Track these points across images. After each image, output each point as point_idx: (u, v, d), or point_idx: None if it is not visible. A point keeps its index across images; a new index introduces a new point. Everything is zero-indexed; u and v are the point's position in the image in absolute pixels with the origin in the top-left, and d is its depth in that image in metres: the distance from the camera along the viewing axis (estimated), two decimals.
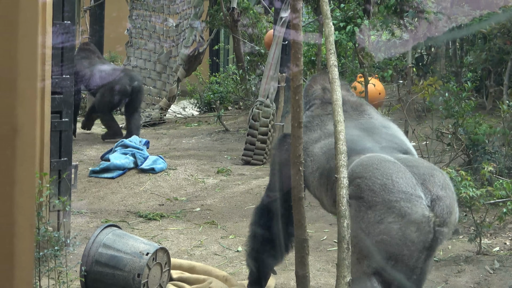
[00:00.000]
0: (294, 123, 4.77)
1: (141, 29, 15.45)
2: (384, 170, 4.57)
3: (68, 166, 7.00)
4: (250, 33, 14.95)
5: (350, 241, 4.54)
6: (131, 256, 5.73)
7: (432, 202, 4.41)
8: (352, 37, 8.89)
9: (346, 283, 4.89)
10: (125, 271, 5.70)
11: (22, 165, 1.16)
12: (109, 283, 5.72)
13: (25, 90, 1.15)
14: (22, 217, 1.17)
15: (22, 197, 1.18)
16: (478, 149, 8.45)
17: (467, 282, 6.18)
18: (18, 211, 1.16)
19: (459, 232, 7.31)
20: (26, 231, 1.20)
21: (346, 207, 4.82)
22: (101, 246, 5.76)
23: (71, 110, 7.09)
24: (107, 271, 5.71)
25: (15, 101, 1.12)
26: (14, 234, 1.16)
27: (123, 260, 5.71)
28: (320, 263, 6.84)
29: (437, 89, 8.39)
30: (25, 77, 1.14)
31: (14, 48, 1.12)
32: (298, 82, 4.71)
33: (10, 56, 1.13)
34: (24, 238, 1.19)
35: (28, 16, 1.16)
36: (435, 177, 4.54)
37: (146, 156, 10.22)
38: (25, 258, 1.20)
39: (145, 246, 5.83)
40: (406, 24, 9.14)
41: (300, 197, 4.77)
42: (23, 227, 1.19)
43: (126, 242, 5.83)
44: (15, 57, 1.13)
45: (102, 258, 5.72)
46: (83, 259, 5.72)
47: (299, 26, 4.76)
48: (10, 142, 1.15)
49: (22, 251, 1.19)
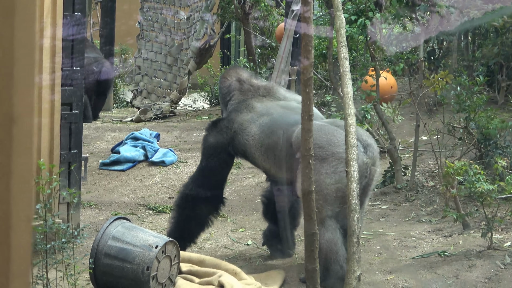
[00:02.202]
0: (304, 115, 4.75)
1: (152, 21, 15.43)
2: (325, 131, 5.93)
3: (78, 158, 6.99)
4: (261, 26, 14.91)
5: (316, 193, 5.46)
6: (140, 249, 5.71)
7: (364, 149, 5.88)
8: (363, 30, 8.84)
9: (356, 277, 4.87)
10: (134, 263, 5.68)
11: (19, 155, 1.14)
12: (118, 275, 5.70)
13: (22, 80, 1.12)
14: (18, 209, 1.15)
15: (19, 188, 1.16)
16: (489, 143, 8.39)
17: (478, 277, 6.14)
18: (14, 202, 1.14)
19: (470, 227, 7.28)
20: (23, 223, 1.17)
21: (356, 201, 4.79)
22: (110, 239, 5.75)
23: (81, 102, 7.08)
24: (116, 263, 5.69)
25: (11, 90, 1.10)
26: (11, 226, 1.14)
27: (132, 253, 5.70)
28: None
29: (449, 83, 8.33)
30: (21, 66, 1.12)
31: (10, 37, 1.10)
32: (308, 75, 4.68)
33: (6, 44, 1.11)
34: (21, 230, 1.17)
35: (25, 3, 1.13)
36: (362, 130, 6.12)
37: (157, 148, 10.21)
38: (21, 250, 1.17)
39: (155, 239, 5.82)
40: (418, 18, 9.08)
41: (310, 191, 4.74)
42: (20, 218, 1.16)
43: (135, 235, 5.82)
44: (11, 45, 1.10)
45: (111, 250, 5.71)
46: (92, 251, 5.71)
47: (310, 19, 4.73)
48: (7, 132, 1.12)
49: (19, 243, 1.16)
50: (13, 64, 1.12)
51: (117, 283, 5.74)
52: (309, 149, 4.73)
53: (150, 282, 5.65)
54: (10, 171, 1.16)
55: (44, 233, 5.18)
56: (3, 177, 1.16)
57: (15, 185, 1.17)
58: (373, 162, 5.93)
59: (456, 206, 7.16)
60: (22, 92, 1.14)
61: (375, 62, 9.03)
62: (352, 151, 4.85)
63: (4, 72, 1.13)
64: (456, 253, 6.68)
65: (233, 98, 6.73)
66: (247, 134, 6.43)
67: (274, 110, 6.48)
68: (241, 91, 6.72)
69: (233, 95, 6.74)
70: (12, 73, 1.12)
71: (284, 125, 6.26)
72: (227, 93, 6.80)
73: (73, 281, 5.30)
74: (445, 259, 6.58)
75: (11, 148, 1.15)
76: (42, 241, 5.16)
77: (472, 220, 7.44)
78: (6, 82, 1.13)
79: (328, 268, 5.79)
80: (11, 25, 1.11)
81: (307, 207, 4.78)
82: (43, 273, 5.17)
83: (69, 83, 6.89)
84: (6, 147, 1.15)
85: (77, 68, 6.95)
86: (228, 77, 6.90)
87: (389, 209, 8.25)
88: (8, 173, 1.16)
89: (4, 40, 1.13)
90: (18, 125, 1.14)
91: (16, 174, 1.17)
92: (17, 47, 1.12)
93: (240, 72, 6.98)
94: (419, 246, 7.04)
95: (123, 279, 5.70)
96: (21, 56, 1.13)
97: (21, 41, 1.13)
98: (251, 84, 6.79)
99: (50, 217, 5.29)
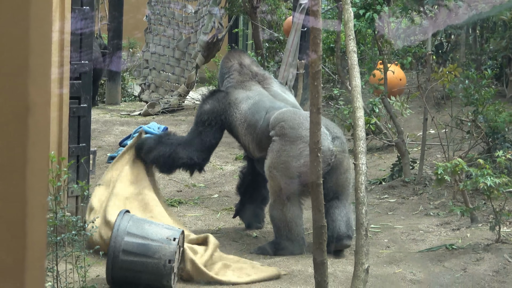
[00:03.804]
0: (312, 108, 4.75)
1: (160, 15, 15.42)
2: (299, 116, 6.75)
3: (86, 151, 7.01)
4: (269, 20, 14.90)
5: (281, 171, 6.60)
6: (159, 243, 5.76)
7: (333, 139, 6.70)
8: (371, 24, 8.83)
9: (364, 270, 4.88)
10: (155, 258, 5.73)
11: (35, 144, 1.15)
12: (138, 270, 5.74)
13: (38, 68, 1.13)
14: (33, 197, 1.16)
15: (34, 177, 1.17)
16: (497, 137, 8.39)
17: (485, 270, 6.14)
18: (29, 191, 1.15)
19: (477, 220, 7.28)
20: (38, 211, 1.18)
21: (364, 194, 4.80)
22: (126, 235, 5.77)
23: (90, 96, 7.09)
24: (136, 259, 5.72)
25: (27, 79, 1.11)
26: (26, 214, 1.15)
27: (152, 248, 5.74)
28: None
29: (457, 77, 8.33)
30: (37, 55, 1.13)
31: (26, 25, 1.11)
32: (317, 68, 4.68)
33: (22, 33, 1.12)
34: (36, 218, 1.18)
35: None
36: (332, 124, 7.04)
37: None
38: (37, 238, 1.18)
39: (169, 231, 5.86)
40: (426, 11, 9.07)
41: (318, 183, 4.75)
42: (35, 207, 1.17)
43: (148, 228, 5.85)
44: (27, 34, 1.11)
45: (129, 247, 5.73)
46: (110, 250, 5.71)
47: (319, 13, 4.73)
48: (22, 121, 1.13)
49: (34, 231, 1.18)
50: (28, 54, 1.13)
51: (136, 278, 5.77)
52: (317, 142, 4.73)
53: (171, 274, 5.73)
54: (26, 160, 1.17)
55: (54, 226, 5.20)
56: (18, 165, 1.17)
57: (30, 173, 1.18)
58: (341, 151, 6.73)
59: (464, 200, 7.16)
60: (37, 81, 1.15)
61: (383, 56, 9.02)
62: (360, 144, 4.85)
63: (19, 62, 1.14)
64: (464, 246, 6.68)
65: (232, 77, 7.38)
66: (237, 108, 7.10)
67: (263, 95, 7.19)
68: (240, 73, 7.38)
69: (232, 75, 7.40)
70: (28, 63, 1.13)
71: (268, 108, 7.00)
72: (227, 72, 7.46)
73: (83, 273, 5.32)
74: (453, 252, 6.58)
75: (26, 137, 1.16)
76: (52, 233, 5.18)
77: (480, 214, 7.44)
78: (22, 72, 1.14)
79: (290, 238, 6.66)
80: (27, 15, 1.12)
81: (315, 199, 4.77)
82: (53, 266, 5.19)
83: (77, 77, 6.90)
84: (22, 136, 1.16)
85: (85, 61, 6.96)
86: (231, 58, 7.57)
87: (397, 202, 8.25)
88: (24, 162, 1.17)
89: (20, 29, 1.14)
90: (33, 115, 1.15)
91: (31, 163, 1.18)
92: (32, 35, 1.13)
93: (243, 56, 7.67)
94: (427, 240, 7.05)
95: (143, 273, 5.74)
96: (36, 45, 1.14)
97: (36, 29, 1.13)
98: (251, 70, 7.45)
99: (60, 210, 5.31)
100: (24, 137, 1.16)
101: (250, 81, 7.32)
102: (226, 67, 7.50)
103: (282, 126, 6.71)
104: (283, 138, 6.67)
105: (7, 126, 1.16)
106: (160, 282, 5.76)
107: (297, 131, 6.63)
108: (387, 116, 9.36)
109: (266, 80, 7.44)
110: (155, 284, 5.78)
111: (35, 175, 1.19)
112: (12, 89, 1.15)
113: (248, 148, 7.16)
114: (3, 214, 1.18)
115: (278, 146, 6.68)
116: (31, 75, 1.13)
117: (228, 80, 7.39)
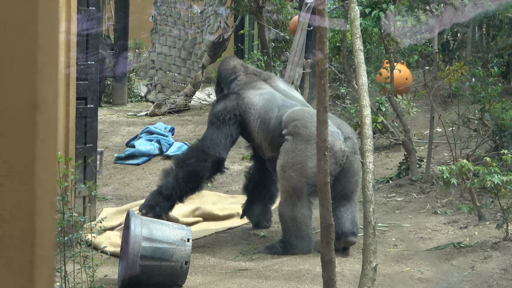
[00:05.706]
0: (319, 107, 4.74)
1: (166, 15, 15.42)
2: (312, 114, 6.50)
3: (93, 152, 7.02)
4: (275, 19, 14.89)
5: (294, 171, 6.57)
6: (175, 245, 5.78)
7: (345, 140, 6.66)
8: (377, 22, 8.83)
9: (372, 268, 4.87)
10: (172, 261, 5.76)
11: (43, 141, 1.15)
12: (155, 273, 5.76)
13: (46, 65, 1.13)
14: (42, 194, 1.16)
15: (43, 174, 1.16)
16: (505, 134, 8.37)
17: (493, 268, 6.13)
18: (38, 188, 1.15)
19: (485, 218, 7.26)
20: (47, 208, 1.18)
21: (372, 192, 4.80)
22: (143, 240, 5.78)
23: (96, 97, 7.10)
24: (153, 263, 5.74)
25: (35, 76, 1.11)
26: (35, 212, 1.15)
27: (169, 251, 5.76)
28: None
29: (464, 75, 8.31)
30: (45, 51, 1.13)
31: (34, 21, 1.11)
32: (323, 67, 4.67)
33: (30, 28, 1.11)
34: (45, 215, 1.18)
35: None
36: (345, 124, 6.98)
37: (171, 142, 10.23)
38: (45, 236, 1.18)
39: (181, 232, 5.89)
40: (432, 10, 9.06)
41: (326, 182, 4.74)
42: (44, 204, 1.17)
43: (159, 230, 5.85)
44: (35, 29, 1.11)
45: (146, 252, 5.74)
46: (129, 257, 5.69)
47: (324, 12, 4.72)
48: (31, 118, 1.13)
49: (43, 229, 1.17)
50: (36, 50, 1.13)
51: (150, 279, 5.79)
52: (324, 140, 4.72)
53: (187, 274, 5.85)
54: (34, 157, 1.17)
55: (61, 226, 5.21)
56: (27, 162, 1.17)
57: (39, 170, 1.18)
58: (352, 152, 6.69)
59: (471, 198, 7.15)
60: (45, 77, 1.15)
61: (389, 54, 9.01)
62: (367, 142, 4.84)
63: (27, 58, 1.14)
64: (472, 244, 6.67)
65: (238, 78, 7.33)
66: (251, 104, 7.06)
67: (274, 93, 7.19)
68: (246, 73, 7.37)
69: (239, 75, 7.35)
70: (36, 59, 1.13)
71: (280, 106, 7.00)
72: (232, 73, 7.40)
73: (91, 273, 5.32)
74: (461, 250, 6.57)
75: (35, 134, 1.16)
76: (60, 233, 5.19)
77: (488, 212, 7.42)
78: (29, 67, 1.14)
79: (299, 237, 6.64)
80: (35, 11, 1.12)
81: (323, 198, 4.76)
82: (61, 266, 5.20)
83: (84, 78, 6.91)
84: (30, 133, 1.16)
85: (91, 62, 6.97)
86: (230, 61, 7.57)
87: (404, 201, 8.24)
88: (32, 159, 1.17)
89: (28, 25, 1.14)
90: (42, 112, 1.15)
91: (40, 160, 1.18)
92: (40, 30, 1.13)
93: (238, 60, 7.72)
94: (434, 238, 7.04)
95: (160, 276, 5.79)
96: (44, 41, 1.14)
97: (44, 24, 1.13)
98: (253, 70, 7.50)
99: (67, 210, 5.32)
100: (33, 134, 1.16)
101: (258, 81, 7.29)
102: (229, 68, 7.45)
103: (295, 125, 6.68)
104: (296, 138, 6.64)
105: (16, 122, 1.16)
106: (174, 282, 5.84)
107: (311, 130, 6.52)
108: (394, 115, 9.35)
109: (271, 78, 7.45)
110: (168, 284, 5.85)
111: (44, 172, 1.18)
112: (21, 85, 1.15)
113: (260, 145, 7.11)
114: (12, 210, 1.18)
115: (291, 145, 6.65)
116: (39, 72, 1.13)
117: (235, 82, 7.32)
